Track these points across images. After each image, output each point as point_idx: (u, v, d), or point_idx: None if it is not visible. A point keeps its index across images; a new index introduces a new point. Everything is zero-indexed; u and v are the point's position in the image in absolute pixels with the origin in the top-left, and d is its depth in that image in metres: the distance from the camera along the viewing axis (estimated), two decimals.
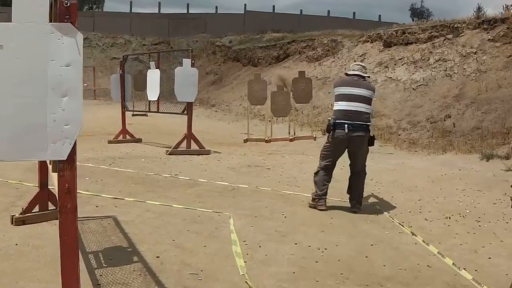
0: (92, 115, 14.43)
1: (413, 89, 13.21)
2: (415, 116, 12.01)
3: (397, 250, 4.35)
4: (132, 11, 32.21)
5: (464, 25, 13.95)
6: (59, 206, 2.46)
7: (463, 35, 13.70)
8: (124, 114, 11.16)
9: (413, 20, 30.89)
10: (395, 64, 14.77)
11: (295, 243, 4.43)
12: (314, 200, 5.69)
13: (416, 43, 14.91)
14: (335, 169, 5.87)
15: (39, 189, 4.68)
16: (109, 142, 10.48)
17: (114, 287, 3.36)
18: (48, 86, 2.34)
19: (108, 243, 4.25)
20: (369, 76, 6.65)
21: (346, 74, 6.01)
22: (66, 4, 2.33)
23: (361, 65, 6.00)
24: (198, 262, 3.87)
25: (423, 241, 4.56)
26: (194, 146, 9.47)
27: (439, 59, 13.53)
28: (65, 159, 2.42)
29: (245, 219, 5.12)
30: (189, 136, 9.50)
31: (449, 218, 5.38)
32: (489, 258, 4.19)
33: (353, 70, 5.83)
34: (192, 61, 9.55)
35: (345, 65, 15.73)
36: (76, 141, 2.45)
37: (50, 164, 3.76)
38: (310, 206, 5.71)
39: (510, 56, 11.85)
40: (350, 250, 4.31)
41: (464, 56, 12.95)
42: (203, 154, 9.26)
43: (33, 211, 4.66)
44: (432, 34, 14.60)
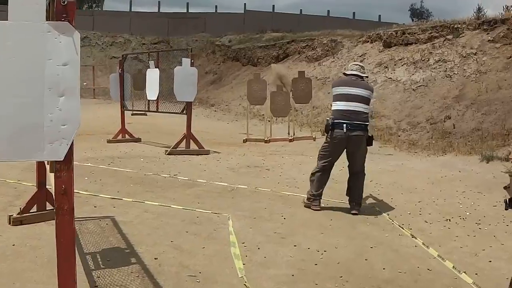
0: (92, 114, 14.40)
1: (413, 90, 13.18)
2: (415, 117, 11.98)
3: (397, 253, 4.33)
4: (132, 10, 32.17)
5: (464, 26, 13.92)
6: (56, 208, 2.43)
7: (463, 36, 13.67)
8: (123, 114, 11.12)
9: (413, 21, 30.90)
10: (395, 65, 14.74)
11: (294, 245, 4.40)
12: (309, 200, 5.69)
13: (416, 44, 14.88)
14: (335, 170, 5.85)
15: (37, 189, 4.65)
16: (108, 142, 10.44)
17: None
18: (45, 86, 2.31)
19: (106, 244, 4.22)
20: (367, 76, 6.62)
21: (344, 74, 5.99)
22: (63, 3, 2.29)
23: (359, 65, 6.00)
24: (197, 264, 3.85)
25: (423, 244, 4.53)
26: (193, 146, 9.44)
27: (439, 60, 13.50)
28: (62, 160, 2.38)
29: (244, 221, 5.09)
30: (188, 136, 9.47)
31: (449, 221, 5.36)
32: (490, 261, 4.16)
33: (351, 70, 5.83)
34: (192, 61, 9.51)
35: (345, 65, 15.66)
36: (74, 141, 2.42)
37: (48, 164, 3.73)
38: (305, 206, 5.71)
39: (510, 57, 11.82)
40: (350, 253, 4.28)
41: (464, 57, 12.92)
42: (202, 154, 9.23)
43: (31, 211, 4.63)
44: (432, 35, 14.57)
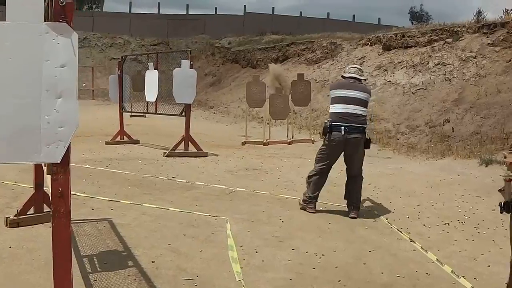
0: (91, 116, 14.38)
1: (412, 93, 13.18)
2: (414, 120, 11.97)
3: (396, 257, 4.31)
4: (132, 12, 32.21)
5: (464, 29, 13.92)
6: (52, 211, 2.41)
7: (463, 39, 13.67)
8: (122, 115, 11.09)
9: (412, 24, 30.92)
10: (394, 68, 14.73)
11: (292, 249, 4.38)
12: (305, 202, 5.69)
13: (416, 47, 14.87)
14: (334, 174, 5.83)
15: (34, 191, 4.63)
16: (107, 143, 10.41)
17: None
18: (43, 87, 2.28)
19: (103, 247, 4.19)
20: (365, 79, 6.60)
21: (343, 77, 5.99)
22: (62, 3, 2.27)
23: (357, 68, 6.01)
24: (194, 268, 3.82)
25: (422, 248, 4.51)
26: (192, 148, 9.41)
27: (439, 63, 13.50)
28: (59, 162, 2.36)
29: (242, 224, 5.07)
30: (187, 138, 9.45)
31: (448, 225, 5.34)
32: (488, 266, 4.14)
33: (349, 73, 5.83)
34: (191, 62, 9.50)
35: (344, 68, 15.65)
36: (71, 143, 2.39)
37: (45, 166, 3.71)
38: (301, 208, 5.70)
39: (510, 61, 11.83)
40: (348, 257, 4.26)
41: (464, 60, 12.92)
42: (201, 157, 9.21)
43: (28, 213, 4.60)
44: (432, 38, 14.56)
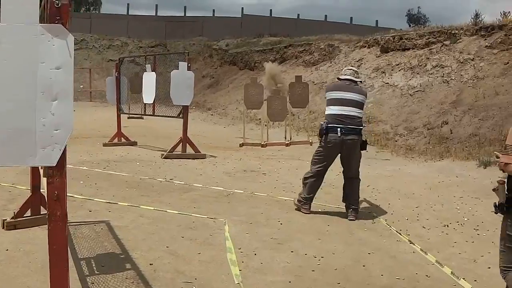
0: (88, 117, 14.36)
1: (410, 95, 13.18)
2: (412, 122, 11.97)
3: (395, 259, 4.29)
4: (129, 14, 32.23)
5: (462, 32, 13.94)
6: (48, 214, 2.38)
7: (461, 42, 13.68)
8: (120, 117, 11.06)
9: (410, 26, 30.97)
10: (392, 70, 14.73)
11: (291, 251, 4.35)
12: (300, 202, 5.70)
13: (413, 49, 14.87)
14: (332, 175, 5.82)
15: (31, 193, 4.60)
16: (104, 145, 10.37)
17: None
18: (38, 89, 2.25)
19: (101, 249, 4.16)
20: (361, 81, 6.59)
21: (338, 79, 5.99)
22: (57, 5, 2.24)
23: (353, 70, 6.04)
24: (192, 270, 3.80)
25: (421, 250, 4.50)
26: (190, 150, 9.39)
27: (436, 65, 13.50)
28: (55, 165, 2.33)
29: (241, 226, 5.04)
30: (185, 140, 9.42)
31: (447, 226, 5.32)
32: (489, 268, 4.12)
33: (345, 75, 5.84)
34: (189, 64, 9.47)
35: (342, 70, 15.68)
36: (68, 145, 2.37)
37: (42, 168, 3.68)
38: (296, 208, 5.70)
39: (508, 63, 11.84)
40: (347, 259, 4.24)
41: (462, 63, 12.93)
42: (199, 158, 9.18)
43: (25, 216, 4.57)
44: (430, 40, 14.57)
